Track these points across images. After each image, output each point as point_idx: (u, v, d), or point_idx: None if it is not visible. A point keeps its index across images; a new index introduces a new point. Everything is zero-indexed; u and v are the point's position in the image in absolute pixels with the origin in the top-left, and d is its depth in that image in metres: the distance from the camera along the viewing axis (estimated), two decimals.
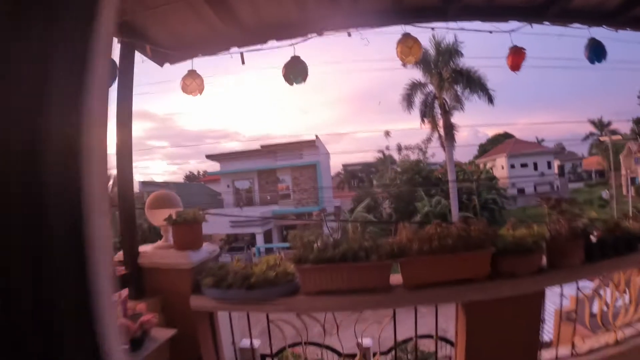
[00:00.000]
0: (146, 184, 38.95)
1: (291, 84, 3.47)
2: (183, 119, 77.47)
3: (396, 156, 30.33)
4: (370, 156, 33.89)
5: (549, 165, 43.23)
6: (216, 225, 25.92)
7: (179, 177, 63.72)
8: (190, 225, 3.13)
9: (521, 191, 36.21)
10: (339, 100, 69.31)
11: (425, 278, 2.54)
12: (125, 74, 3.31)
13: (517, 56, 3.58)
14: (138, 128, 78.19)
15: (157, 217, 3.35)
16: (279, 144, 33.37)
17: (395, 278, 2.62)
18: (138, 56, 3.49)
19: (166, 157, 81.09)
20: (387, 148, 31.03)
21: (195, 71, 3.75)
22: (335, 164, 48.13)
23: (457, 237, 2.49)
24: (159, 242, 3.47)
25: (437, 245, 2.49)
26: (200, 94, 3.84)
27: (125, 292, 2.75)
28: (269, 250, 25.82)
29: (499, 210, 25.70)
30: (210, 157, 35.56)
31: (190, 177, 59.69)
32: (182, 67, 3.77)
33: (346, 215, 27.60)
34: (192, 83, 3.74)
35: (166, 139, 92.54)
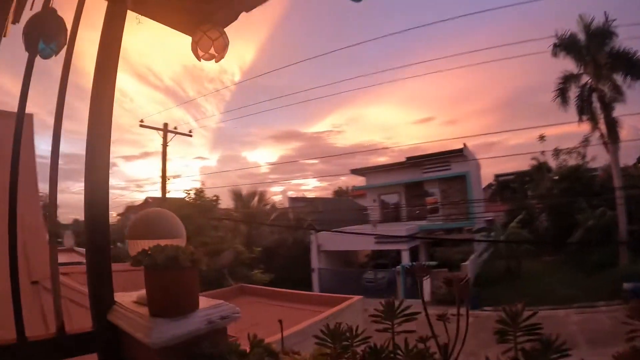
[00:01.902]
0: (295, 200, 41.08)
1: None
2: (333, 137, 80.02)
3: (552, 163, 26.81)
4: (524, 164, 30.77)
5: None
6: (362, 240, 25.77)
7: (328, 193, 65.50)
8: (172, 273, 1.71)
9: None
10: (488, 108, 64.92)
11: None
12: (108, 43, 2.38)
13: None
14: (288, 148, 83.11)
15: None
16: (426, 154, 32.09)
17: None
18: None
19: (317, 174, 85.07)
20: (542, 154, 27.61)
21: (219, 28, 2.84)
22: (487, 174, 45.34)
23: None
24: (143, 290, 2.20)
25: None
26: (219, 60, 2.92)
27: None
28: None
29: None
30: (355, 171, 35.84)
31: (339, 193, 61.21)
32: None
33: (499, 230, 25.23)
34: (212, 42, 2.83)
35: (316, 156, 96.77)
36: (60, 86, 2.35)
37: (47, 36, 2.34)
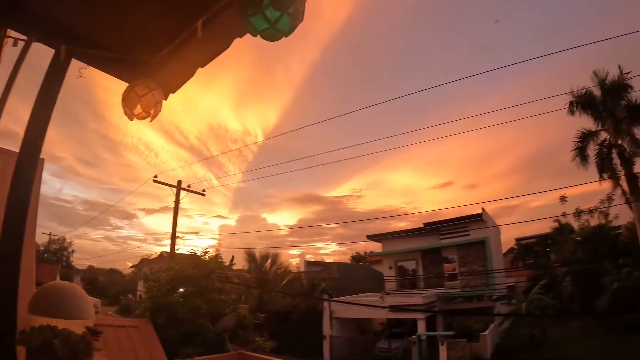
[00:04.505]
0: (311, 264, 40.30)
1: None
2: (352, 201, 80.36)
3: (575, 224, 25.81)
4: (546, 226, 29.79)
5: None
6: (376, 310, 24.70)
7: (347, 258, 64.57)
8: None
9: None
10: (508, 170, 64.89)
11: None
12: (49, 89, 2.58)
13: None
14: (307, 211, 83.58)
15: None
16: (444, 220, 31.48)
17: None
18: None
19: (335, 238, 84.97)
20: (564, 215, 26.72)
21: (149, 83, 2.73)
22: (508, 238, 44.44)
23: None
24: None
25: None
26: (152, 119, 2.78)
27: None
28: (431, 339, 23.47)
29: None
30: (371, 237, 35.24)
31: (357, 258, 60.43)
32: None
33: (520, 298, 23.86)
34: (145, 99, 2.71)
35: (336, 220, 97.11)
36: None
37: None
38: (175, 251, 23.52)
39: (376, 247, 36.35)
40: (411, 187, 74.46)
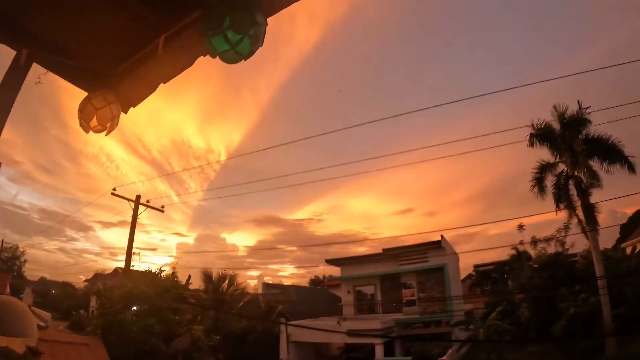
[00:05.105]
0: (269, 286, 39.52)
1: None
2: (313, 224, 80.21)
3: (532, 251, 26.49)
4: (503, 254, 30.48)
5: None
6: (333, 334, 24.23)
7: (305, 281, 64.14)
8: None
9: None
10: (468, 199, 66.77)
11: None
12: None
13: None
14: (267, 232, 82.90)
15: None
16: (403, 246, 31.80)
17: None
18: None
19: (295, 261, 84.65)
20: (521, 243, 27.43)
21: (108, 96, 2.62)
22: (467, 265, 45.47)
23: None
24: None
25: None
26: (108, 133, 2.68)
27: None
28: None
29: None
30: (330, 261, 34.94)
31: (315, 282, 60.17)
32: None
33: (478, 323, 24.02)
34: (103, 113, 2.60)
35: (295, 243, 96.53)
36: None
37: None
38: (131, 267, 22.63)
39: (335, 271, 36.03)
40: (372, 212, 75.23)
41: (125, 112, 2.83)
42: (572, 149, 20.83)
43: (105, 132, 2.63)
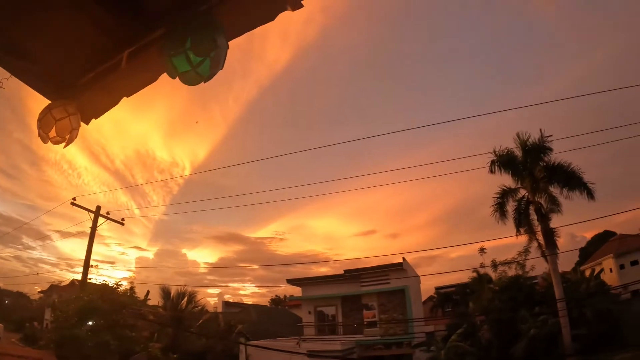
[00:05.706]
0: (229, 305, 38.61)
1: None
2: (275, 243, 79.44)
3: (493, 274, 27.03)
4: (465, 277, 31.02)
5: None
6: (292, 355, 23.76)
7: (266, 300, 63.03)
8: None
9: (637, 294, 29.96)
10: (430, 222, 68.03)
11: None
12: None
13: None
14: (229, 250, 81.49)
15: None
16: (364, 268, 31.76)
17: None
18: None
19: (256, 280, 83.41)
20: (482, 266, 27.96)
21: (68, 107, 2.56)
22: (428, 287, 45.87)
23: None
24: None
25: None
26: (67, 145, 2.64)
27: None
28: None
29: (615, 320, 21.05)
30: (291, 281, 34.59)
31: (276, 301, 59.32)
32: None
33: (439, 345, 24.16)
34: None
35: (257, 261, 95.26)
36: None
37: None
38: (88, 280, 21.61)
39: (296, 291, 35.70)
40: (334, 233, 75.29)
41: (87, 124, 2.80)
42: (533, 175, 21.56)
43: (64, 144, 2.60)
